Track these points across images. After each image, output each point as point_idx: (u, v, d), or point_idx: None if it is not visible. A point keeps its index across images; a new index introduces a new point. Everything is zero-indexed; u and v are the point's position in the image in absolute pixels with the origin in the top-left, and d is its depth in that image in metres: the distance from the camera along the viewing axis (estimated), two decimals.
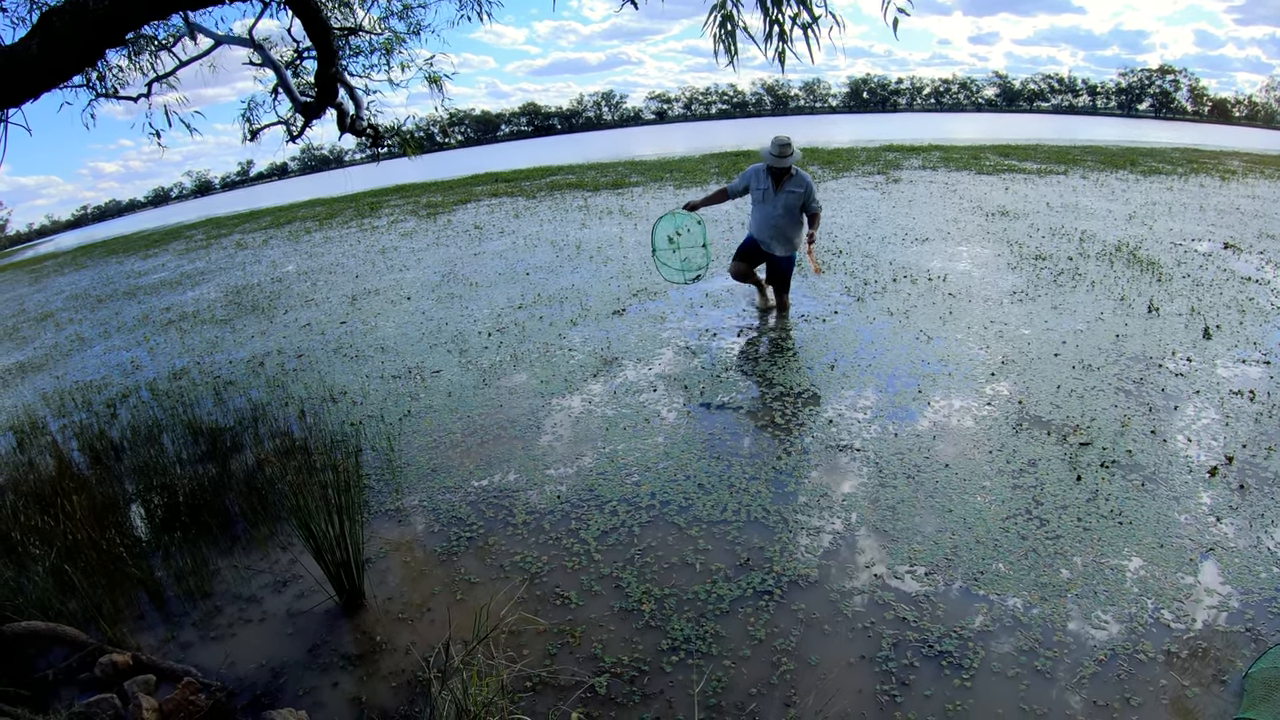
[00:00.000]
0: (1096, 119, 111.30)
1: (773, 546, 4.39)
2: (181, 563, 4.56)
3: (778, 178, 7.97)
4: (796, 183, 7.97)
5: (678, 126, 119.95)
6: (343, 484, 4.06)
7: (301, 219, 22.86)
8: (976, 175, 20.93)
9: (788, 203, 8.01)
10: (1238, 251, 11.16)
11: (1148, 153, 29.18)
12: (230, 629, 4.03)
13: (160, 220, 43.05)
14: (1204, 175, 21.46)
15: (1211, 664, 3.41)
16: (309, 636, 3.91)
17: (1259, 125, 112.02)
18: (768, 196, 8.05)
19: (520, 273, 11.57)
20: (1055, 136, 42.30)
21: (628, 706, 3.32)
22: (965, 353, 7.18)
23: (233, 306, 11.38)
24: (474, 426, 6.26)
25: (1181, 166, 23.59)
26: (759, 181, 8.10)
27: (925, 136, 40.89)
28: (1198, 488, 4.82)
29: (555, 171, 28.90)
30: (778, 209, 8.03)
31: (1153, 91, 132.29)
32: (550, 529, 4.71)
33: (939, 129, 55.92)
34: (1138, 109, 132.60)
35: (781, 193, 7.98)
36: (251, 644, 3.90)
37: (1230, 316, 8.06)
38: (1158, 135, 49.45)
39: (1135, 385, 6.33)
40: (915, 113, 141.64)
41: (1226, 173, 22.31)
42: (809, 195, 8.03)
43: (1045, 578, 4.01)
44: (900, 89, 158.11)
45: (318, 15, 7.74)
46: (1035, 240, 12.04)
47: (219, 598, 4.29)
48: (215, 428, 6.58)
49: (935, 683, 3.37)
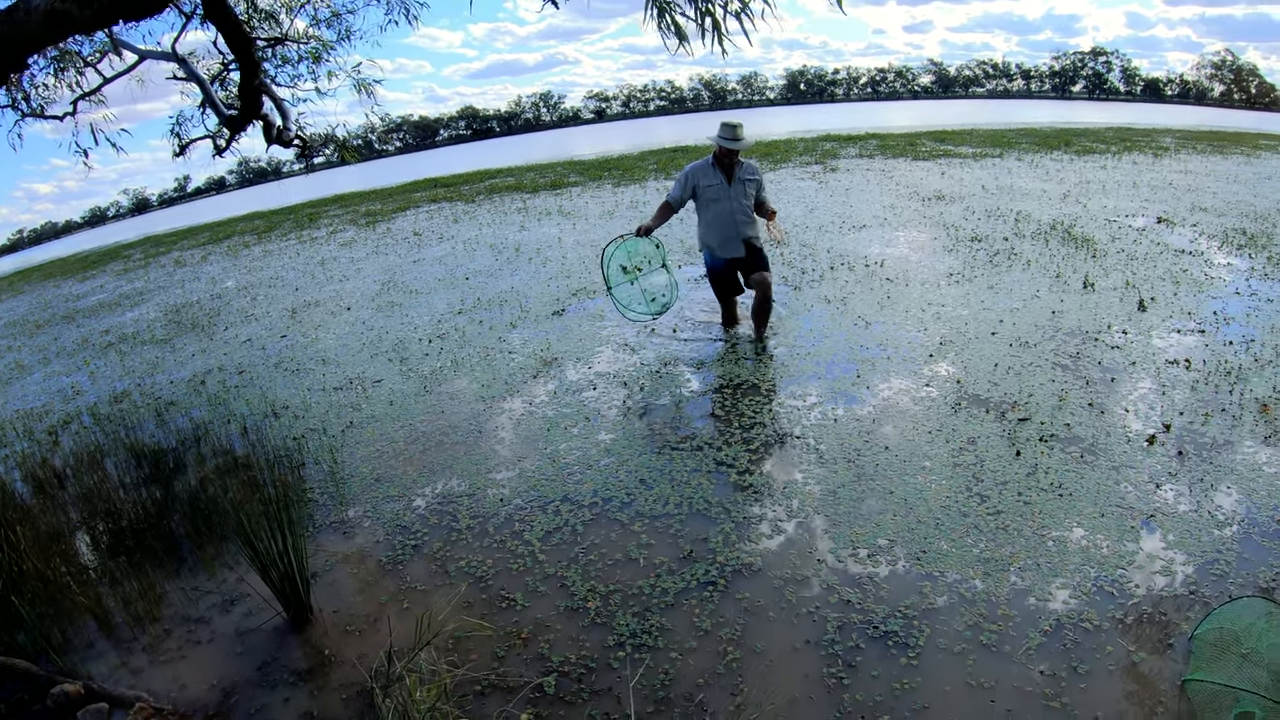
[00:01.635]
0: (1031, 102, 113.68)
1: (715, 537, 4.45)
2: (129, 588, 4.50)
3: (729, 169, 7.25)
4: (749, 171, 7.36)
5: (617, 125, 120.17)
6: (284, 499, 4.05)
7: (240, 233, 22.55)
8: (913, 161, 21.29)
9: (745, 194, 7.33)
10: (1171, 225, 11.51)
11: (1082, 133, 29.94)
12: (180, 652, 3.99)
13: (98, 241, 42.14)
14: (1137, 153, 22.07)
15: (1157, 628, 3.52)
16: (258, 654, 3.88)
17: (1190, 102, 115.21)
18: (722, 192, 7.27)
19: (460, 278, 11.53)
20: (990, 120, 43.15)
21: (576, 704, 3.35)
22: (903, 336, 7.32)
23: (172, 325, 11.20)
24: (416, 434, 6.24)
25: (1115, 145, 24.24)
26: (707, 178, 7.29)
27: (862, 125, 41.49)
28: (1137, 457, 4.98)
29: (494, 175, 28.81)
30: (737, 203, 7.30)
31: (1086, 74, 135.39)
32: (495, 532, 4.73)
33: (876, 117, 56.78)
34: (1071, 91, 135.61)
35: (736, 183, 7.28)
36: (202, 665, 3.87)
37: (1165, 288, 8.30)
38: (1092, 116, 50.67)
39: (1072, 360, 6.50)
40: (852, 102, 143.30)
41: (1159, 150, 22.98)
42: (762, 185, 7.50)
43: (988, 553, 4.11)
44: (837, 79, 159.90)
45: (238, 27, 7.69)
46: (971, 222, 12.32)
47: (168, 621, 4.24)
48: (158, 449, 6.50)
49: (882, 663, 3.43)
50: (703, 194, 7.33)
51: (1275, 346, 6.62)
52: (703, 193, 7.32)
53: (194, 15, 9.36)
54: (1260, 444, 5.07)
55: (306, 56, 11.23)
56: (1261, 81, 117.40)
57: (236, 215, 31.46)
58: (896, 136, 29.78)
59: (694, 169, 7.36)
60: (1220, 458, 4.92)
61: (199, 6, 8.73)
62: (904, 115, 59.53)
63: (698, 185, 7.32)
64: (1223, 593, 3.70)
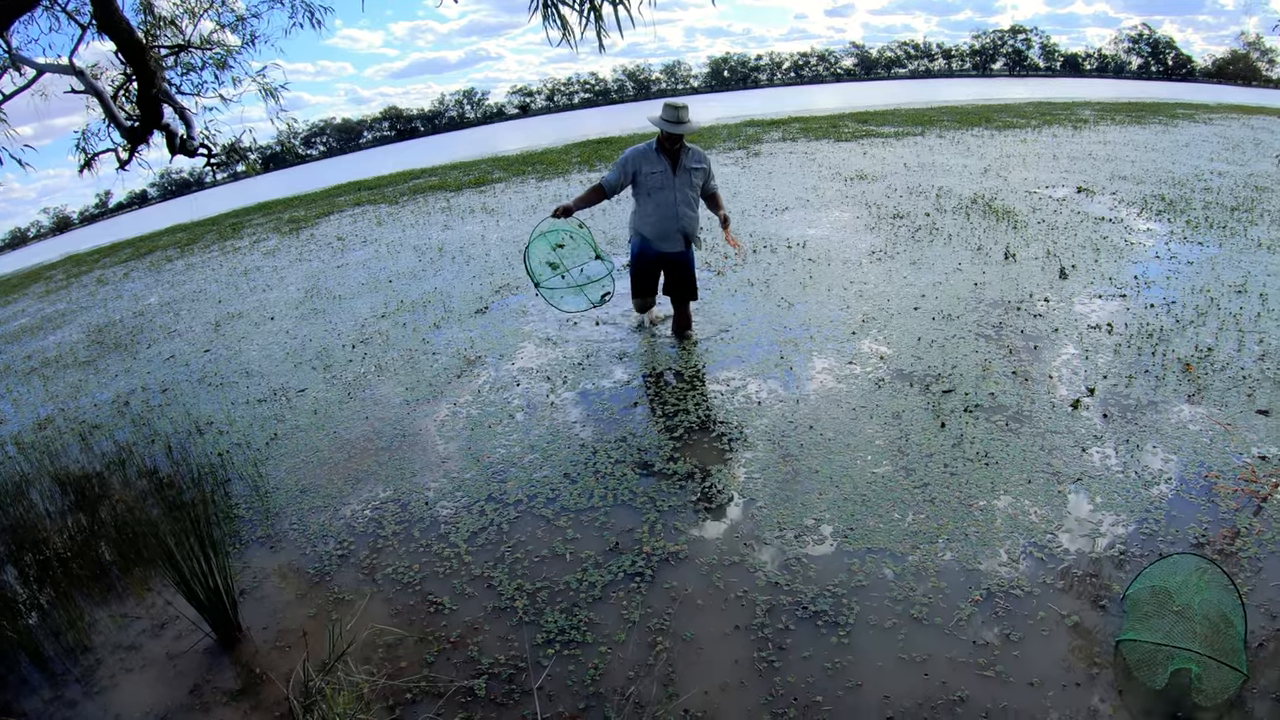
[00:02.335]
0: (953, 81, 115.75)
1: (641, 528, 4.41)
2: (58, 619, 4.35)
3: (674, 156, 6.67)
4: (696, 158, 6.78)
5: (542, 119, 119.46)
6: (208, 518, 3.94)
7: (163, 247, 21.95)
8: (835, 143, 21.48)
9: (691, 183, 6.78)
10: (1090, 194, 11.76)
11: (1002, 109, 30.50)
12: (113, 680, 3.86)
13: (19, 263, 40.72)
14: (1057, 126, 22.55)
15: (1090, 590, 3.57)
16: (190, 677, 3.78)
17: (1109, 76, 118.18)
18: (665, 180, 6.68)
19: (383, 281, 11.35)
20: (912, 100, 43.76)
21: (508, 706, 3.30)
22: (826, 315, 7.35)
23: (95, 346, 10.86)
24: (341, 442, 6.11)
25: (1035, 120, 24.74)
26: (650, 164, 6.68)
27: (786, 109, 41.75)
28: (1062, 422, 5.04)
29: (418, 175, 28.44)
30: (681, 194, 6.75)
31: (1006, 51, 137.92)
32: (421, 536, 4.65)
33: (799, 101, 57.29)
34: (992, 69, 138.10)
35: (682, 171, 6.69)
36: (135, 693, 3.76)
37: (1085, 256, 8.46)
38: (1012, 92, 51.60)
39: (995, 330, 6.58)
40: (776, 87, 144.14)
41: (1079, 122, 23.51)
42: (710, 173, 6.92)
43: (915, 526, 4.13)
44: (760, 65, 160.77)
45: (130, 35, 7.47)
46: (893, 200, 12.45)
47: (99, 650, 4.11)
48: (83, 475, 6.29)
49: (813, 643, 3.42)
50: (644, 181, 6.73)
51: (1196, 307, 6.77)
52: (644, 180, 6.72)
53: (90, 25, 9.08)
54: (1184, 402, 5.18)
55: (211, 63, 10.97)
56: (1178, 53, 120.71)
57: (159, 229, 30.70)
58: (819, 119, 30.03)
59: (635, 153, 6.74)
60: (1145, 418, 5.01)
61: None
62: (827, 98, 60.04)
63: (638, 171, 6.71)
64: (1153, 551, 3.76)
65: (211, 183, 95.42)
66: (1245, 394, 5.24)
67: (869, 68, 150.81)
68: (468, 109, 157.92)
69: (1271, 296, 6.94)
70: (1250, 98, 41.17)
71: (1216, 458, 4.52)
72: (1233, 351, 5.90)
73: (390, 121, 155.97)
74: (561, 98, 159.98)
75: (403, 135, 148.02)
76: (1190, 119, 24.21)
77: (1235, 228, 9.44)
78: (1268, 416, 4.93)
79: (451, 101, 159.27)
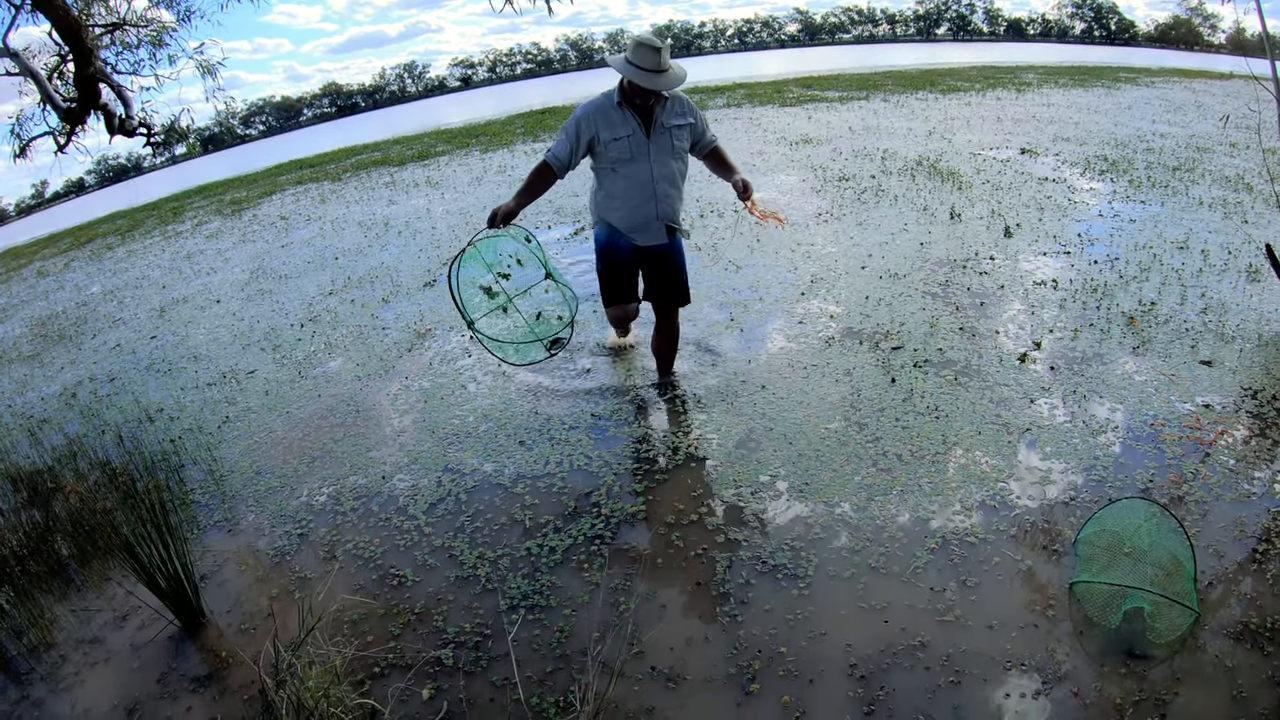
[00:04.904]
0: (897, 46, 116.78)
1: (599, 491, 4.47)
2: (19, 618, 4.27)
3: (646, 110, 4.79)
4: (679, 109, 4.93)
5: (484, 91, 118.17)
6: (163, 504, 3.91)
7: (103, 235, 21.42)
8: (780, 108, 21.57)
9: (676, 147, 4.95)
10: (1034, 155, 12.00)
11: (946, 73, 30.82)
12: (79, 676, 3.82)
13: None
14: (1001, 89, 22.87)
15: (1042, 536, 3.71)
16: (156, 666, 3.76)
17: (1053, 40, 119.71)
18: (637, 148, 4.83)
19: (329, 258, 11.24)
20: (857, 65, 43.91)
21: (476, 673, 3.33)
22: (774, 277, 7.45)
23: (39, 340, 10.61)
24: (294, 421, 6.08)
25: (979, 83, 25.06)
26: (612, 126, 4.79)
27: (731, 76, 41.72)
28: (1010, 375, 5.20)
29: (360, 151, 28.02)
30: (661, 165, 4.92)
31: (950, 16, 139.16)
32: (379, 510, 4.66)
33: (744, 68, 57.20)
34: (936, 34, 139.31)
35: (660, 133, 4.85)
36: (102, 687, 3.72)
37: (1029, 214, 8.65)
38: (957, 56, 52.14)
39: (942, 288, 6.72)
40: (720, 54, 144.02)
41: (1022, 85, 23.87)
42: (702, 123, 5.14)
43: (869, 479, 4.25)
44: (704, 32, 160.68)
45: (66, 13, 7.33)
46: (839, 163, 12.58)
47: (62, 646, 4.06)
48: (34, 470, 6.17)
49: (774, 596, 3.51)
50: (606, 151, 4.85)
51: (1139, 263, 6.98)
52: (606, 149, 4.84)
53: (23, 6, 8.87)
54: (1129, 354, 5.36)
55: (147, 41, 10.77)
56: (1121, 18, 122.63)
57: (99, 216, 29.95)
58: (764, 85, 30.07)
59: (590, 111, 4.81)
60: (1091, 370, 5.18)
61: None
62: (772, 64, 60.05)
63: (597, 137, 4.81)
64: (1103, 497, 3.90)
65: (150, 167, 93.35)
66: (1189, 345, 5.43)
67: (813, 33, 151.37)
68: (409, 83, 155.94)
69: (1213, 253, 7.17)
70: (1192, 62, 41.91)
71: (1161, 407, 4.70)
72: (1175, 305, 6.10)
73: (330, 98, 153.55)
74: (504, 69, 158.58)
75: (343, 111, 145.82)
76: (1133, 82, 24.67)
77: (1177, 187, 9.71)
78: (1210, 367, 5.12)
79: (392, 76, 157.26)
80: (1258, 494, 3.88)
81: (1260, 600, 3.21)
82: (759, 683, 3.08)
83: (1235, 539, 3.57)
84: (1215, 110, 17.08)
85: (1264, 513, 3.74)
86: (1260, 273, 6.58)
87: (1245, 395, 4.78)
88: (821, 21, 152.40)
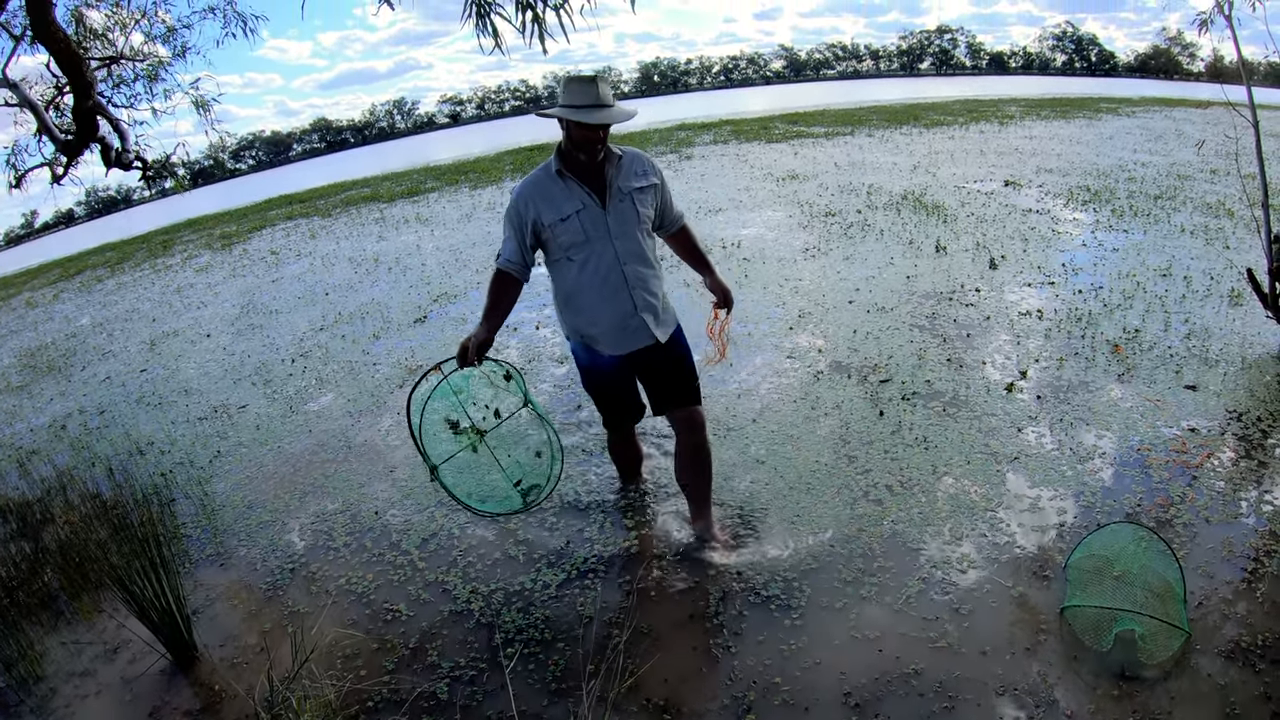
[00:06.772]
0: (881, 81, 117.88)
1: (590, 527, 4.51)
2: (9, 650, 4.27)
3: (593, 175, 3.79)
4: (636, 168, 3.94)
5: (473, 127, 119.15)
6: (156, 538, 3.92)
7: (92, 266, 21.45)
8: (766, 144, 21.79)
9: (641, 214, 3.87)
10: (1018, 187, 12.17)
11: (930, 107, 31.15)
12: (69, 709, 3.81)
13: None
14: (984, 122, 23.16)
15: (1032, 562, 3.76)
16: (148, 700, 3.75)
17: (1035, 73, 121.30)
18: (592, 225, 3.76)
19: (320, 294, 11.30)
20: (842, 101, 44.36)
21: (472, 707, 3.35)
22: (763, 312, 7.53)
23: (28, 371, 10.62)
24: (285, 456, 6.11)
25: (962, 117, 25.37)
26: (557, 207, 3.74)
27: (717, 112, 42.07)
28: (997, 405, 5.27)
29: (350, 186, 28.15)
30: (627, 239, 3.82)
31: (933, 51, 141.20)
32: (372, 545, 4.67)
33: (730, 104, 57.70)
34: (919, 69, 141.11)
35: (620, 199, 3.81)
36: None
37: (1014, 246, 8.77)
38: (940, 91, 52.65)
39: (928, 320, 6.81)
40: (706, 91, 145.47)
41: (1005, 118, 24.16)
42: (667, 189, 4.12)
43: (860, 510, 4.29)
44: (690, 69, 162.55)
45: (68, 47, 7.40)
46: (825, 198, 12.73)
47: (52, 679, 4.05)
48: (23, 502, 6.19)
49: (767, 628, 3.54)
50: (555, 237, 3.78)
51: (1123, 291, 7.08)
52: (554, 234, 3.77)
53: (23, 37, 8.97)
54: (1114, 381, 5.45)
55: (143, 75, 10.89)
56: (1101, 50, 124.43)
57: (88, 248, 29.97)
58: (750, 121, 30.35)
59: (524, 190, 3.81)
60: (1077, 398, 5.26)
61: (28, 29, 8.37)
62: (757, 100, 60.79)
63: (539, 221, 3.75)
64: (1091, 522, 3.96)
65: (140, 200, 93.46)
66: (1173, 371, 5.52)
67: (798, 70, 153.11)
68: (398, 119, 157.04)
69: (1195, 279, 7.29)
70: (1172, 91, 42.61)
71: (1147, 432, 4.77)
72: (1159, 332, 6.20)
73: (320, 133, 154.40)
74: (492, 105, 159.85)
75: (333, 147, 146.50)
76: (1114, 113, 25.04)
77: (1159, 215, 9.86)
78: (1195, 391, 5.21)
79: (382, 112, 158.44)
80: (1244, 514, 3.95)
81: (1251, 619, 3.26)
82: (754, 713, 3.10)
83: (1224, 559, 3.63)
84: (1196, 138, 17.31)
85: (1251, 532, 3.81)
86: (1242, 297, 6.69)
87: (1230, 418, 4.86)
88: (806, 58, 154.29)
